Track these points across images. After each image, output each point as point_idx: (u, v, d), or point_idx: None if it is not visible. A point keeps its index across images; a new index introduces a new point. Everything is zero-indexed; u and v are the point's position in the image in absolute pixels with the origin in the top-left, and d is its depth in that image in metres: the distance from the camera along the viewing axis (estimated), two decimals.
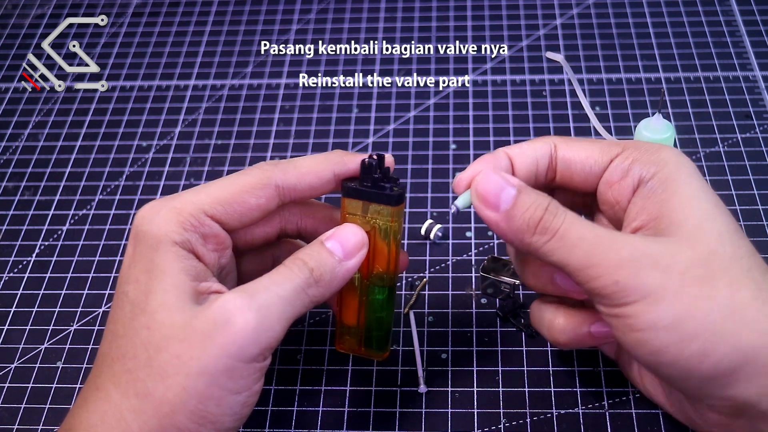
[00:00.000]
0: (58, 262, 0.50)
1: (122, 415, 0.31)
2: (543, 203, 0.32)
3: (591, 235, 0.31)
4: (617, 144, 0.35)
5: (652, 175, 0.33)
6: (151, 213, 0.33)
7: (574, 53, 0.61)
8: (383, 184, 0.36)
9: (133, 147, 0.57)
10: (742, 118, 0.55)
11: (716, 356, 0.29)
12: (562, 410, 0.40)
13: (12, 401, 0.43)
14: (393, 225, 0.36)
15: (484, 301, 0.46)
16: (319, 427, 0.41)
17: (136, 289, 0.32)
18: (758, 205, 0.49)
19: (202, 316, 0.31)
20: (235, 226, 0.35)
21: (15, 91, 0.62)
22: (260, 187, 0.35)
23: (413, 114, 0.58)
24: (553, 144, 0.35)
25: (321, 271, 0.33)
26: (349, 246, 0.35)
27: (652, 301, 0.30)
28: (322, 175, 0.36)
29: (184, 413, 0.30)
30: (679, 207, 0.32)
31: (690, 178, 0.32)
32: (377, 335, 0.38)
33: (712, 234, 0.31)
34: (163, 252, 0.32)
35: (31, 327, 0.47)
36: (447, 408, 0.41)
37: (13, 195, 0.55)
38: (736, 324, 0.29)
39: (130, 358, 0.31)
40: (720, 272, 0.30)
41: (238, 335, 0.30)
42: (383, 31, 0.65)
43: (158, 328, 0.31)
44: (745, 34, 0.62)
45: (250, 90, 0.61)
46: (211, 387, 0.30)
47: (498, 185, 0.33)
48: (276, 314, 0.32)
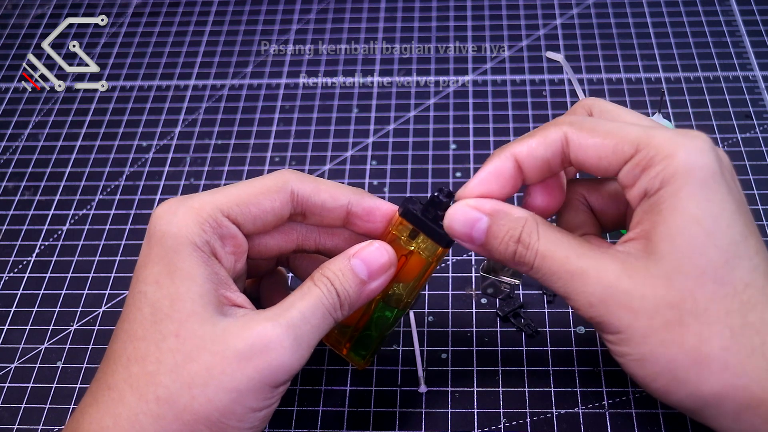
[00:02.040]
0: (58, 262, 0.50)
1: (137, 418, 0.30)
2: (515, 233, 0.32)
3: (562, 271, 0.31)
4: (631, 143, 0.31)
5: (655, 190, 0.30)
6: (168, 212, 0.33)
7: (574, 53, 0.61)
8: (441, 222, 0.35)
9: (133, 147, 0.57)
10: (742, 118, 0.55)
11: (678, 397, 0.30)
12: (562, 410, 0.40)
13: (12, 401, 0.43)
14: (432, 261, 0.36)
15: (484, 301, 0.46)
16: (319, 427, 0.41)
17: (158, 291, 0.32)
18: (758, 205, 0.49)
19: (240, 336, 0.31)
20: (251, 229, 0.35)
21: (15, 91, 0.62)
22: (276, 189, 0.34)
23: (413, 114, 0.58)
24: (565, 138, 0.32)
25: (345, 295, 0.34)
26: (375, 267, 0.34)
27: (622, 339, 0.31)
28: (337, 197, 0.35)
29: (206, 424, 0.30)
30: (667, 237, 0.30)
31: (695, 197, 0.29)
32: (367, 346, 0.38)
33: (693, 272, 0.29)
34: (186, 255, 0.32)
35: (31, 327, 0.47)
36: (447, 408, 0.41)
37: (13, 195, 0.55)
38: (698, 375, 0.29)
39: (152, 361, 0.31)
40: (690, 318, 0.29)
41: (274, 363, 0.31)
42: (383, 31, 0.65)
43: (189, 337, 0.31)
44: (745, 34, 0.62)
45: (250, 90, 0.61)
46: (237, 404, 0.31)
47: (468, 220, 0.33)
48: (307, 342, 0.32)
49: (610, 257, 0.31)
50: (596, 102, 0.35)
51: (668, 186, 0.30)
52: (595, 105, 0.35)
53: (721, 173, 0.30)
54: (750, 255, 0.30)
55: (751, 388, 0.29)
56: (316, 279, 0.34)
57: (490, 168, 0.34)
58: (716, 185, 0.30)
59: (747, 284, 0.29)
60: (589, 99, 0.36)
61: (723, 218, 0.29)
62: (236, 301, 0.33)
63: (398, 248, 0.36)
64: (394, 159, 0.54)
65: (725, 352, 0.29)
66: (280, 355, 0.31)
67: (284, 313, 0.32)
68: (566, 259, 0.31)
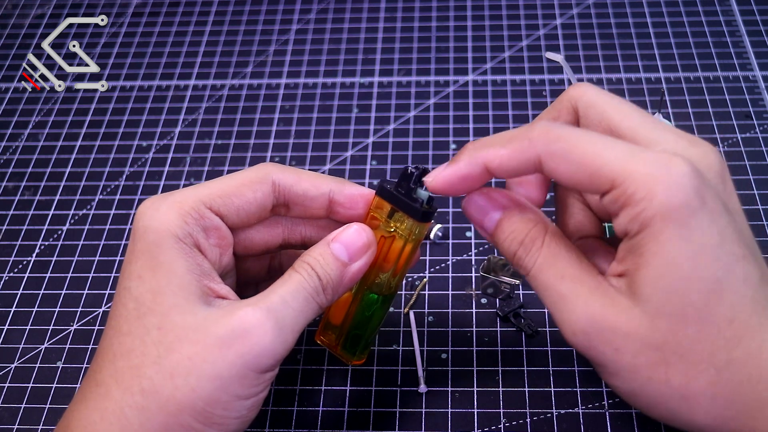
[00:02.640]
0: (58, 262, 0.50)
1: (122, 412, 0.31)
2: (519, 236, 0.33)
3: (553, 291, 0.31)
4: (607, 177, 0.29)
5: (635, 233, 0.29)
6: (151, 208, 0.33)
7: (574, 53, 0.61)
8: (416, 197, 0.35)
9: (133, 147, 0.57)
10: (742, 118, 0.55)
11: (675, 424, 0.31)
12: (562, 410, 0.40)
13: (12, 401, 0.43)
14: (411, 239, 0.36)
15: (484, 301, 0.46)
16: (319, 427, 0.41)
17: (140, 286, 0.32)
18: (758, 205, 0.49)
19: (220, 322, 0.31)
20: (235, 220, 0.35)
21: (15, 91, 0.62)
22: (257, 180, 0.35)
23: (413, 114, 0.58)
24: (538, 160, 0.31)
25: (327, 278, 0.34)
26: (355, 248, 0.35)
27: (609, 372, 0.31)
28: (319, 185, 0.36)
29: (191, 413, 0.31)
30: (649, 281, 0.29)
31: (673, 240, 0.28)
32: (357, 341, 0.38)
33: (675, 316, 0.29)
34: (167, 248, 0.32)
35: (31, 327, 0.47)
36: (447, 408, 0.41)
37: (13, 195, 0.55)
38: (688, 409, 0.30)
39: (137, 355, 0.31)
40: (674, 358, 0.29)
41: (256, 347, 0.31)
42: (383, 31, 0.65)
43: (171, 329, 0.31)
44: (745, 34, 0.62)
45: (250, 90, 0.61)
46: (221, 391, 0.31)
47: (483, 209, 0.34)
48: (290, 327, 0.32)
49: (600, 289, 0.31)
50: (585, 94, 0.34)
51: (648, 228, 0.29)
52: (582, 98, 0.34)
53: (702, 205, 0.29)
54: (735, 288, 0.29)
55: (740, 419, 0.29)
56: (297, 266, 0.34)
57: (458, 170, 0.33)
58: (696, 222, 0.28)
59: (731, 320, 0.29)
60: (578, 88, 0.34)
61: (704, 256, 0.29)
62: (220, 292, 0.33)
63: (379, 234, 0.36)
64: (394, 159, 0.54)
65: (713, 387, 0.29)
66: (261, 339, 0.31)
67: (264, 298, 0.32)
68: (560, 279, 0.31)
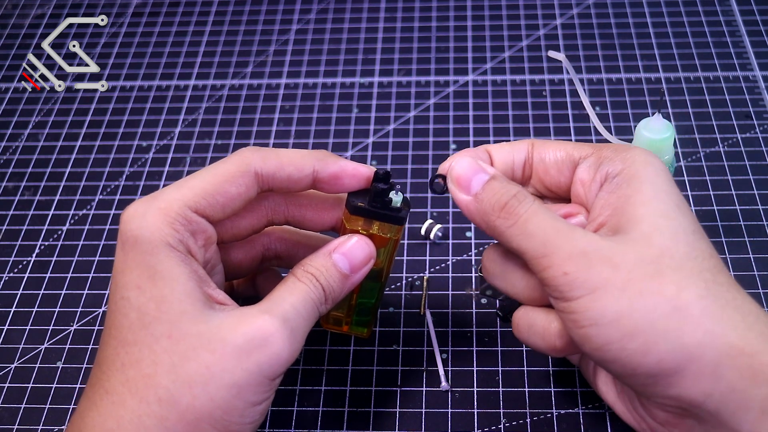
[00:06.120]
0: (58, 262, 0.50)
1: (141, 421, 0.31)
2: (511, 190, 0.34)
3: (549, 227, 0.32)
4: (591, 145, 0.36)
5: (618, 171, 0.34)
6: (137, 215, 0.33)
7: (574, 53, 0.61)
8: (392, 206, 0.36)
9: (133, 147, 0.57)
10: (742, 118, 0.55)
11: (658, 354, 0.30)
12: (562, 410, 0.40)
13: (12, 401, 0.43)
14: (395, 237, 0.38)
15: (484, 301, 0.46)
16: (319, 427, 0.41)
17: (141, 296, 0.32)
18: (758, 205, 0.49)
19: (237, 331, 0.31)
20: (219, 217, 0.35)
21: (15, 91, 0.62)
22: (240, 174, 0.34)
23: (413, 114, 0.58)
24: (531, 143, 0.37)
25: (330, 290, 0.35)
26: (356, 261, 0.36)
27: (597, 296, 0.30)
28: (302, 167, 0.36)
29: (209, 421, 0.31)
30: (639, 204, 0.32)
31: (656, 177, 0.33)
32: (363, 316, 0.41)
33: (668, 233, 0.31)
34: (163, 258, 0.32)
35: (31, 327, 0.47)
36: (447, 408, 0.41)
37: (13, 195, 0.55)
38: (679, 321, 0.30)
39: (148, 364, 0.31)
40: (669, 270, 0.30)
41: (274, 356, 0.32)
42: (383, 31, 0.65)
43: (182, 337, 0.31)
44: (745, 34, 0.62)
45: (250, 90, 0.61)
46: (237, 399, 0.31)
47: (473, 170, 0.35)
48: (301, 335, 0.33)
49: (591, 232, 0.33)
50: None
51: (631, 166, 0.33)
52: None
53: None
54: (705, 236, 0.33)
55: (729, 336, 0.29)
56: (300, 275, 0.35)
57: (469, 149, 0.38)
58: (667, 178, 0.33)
59: (711, 255, 0.32)
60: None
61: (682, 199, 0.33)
62: (218, 298, 0.33)
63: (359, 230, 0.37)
64: (394, 159, 0.54)
65: (703, 300, 0.30)
66: (279, 348, 0.32)
67: (277, 307, 0.33)
68: (556, 219, 0.32)
